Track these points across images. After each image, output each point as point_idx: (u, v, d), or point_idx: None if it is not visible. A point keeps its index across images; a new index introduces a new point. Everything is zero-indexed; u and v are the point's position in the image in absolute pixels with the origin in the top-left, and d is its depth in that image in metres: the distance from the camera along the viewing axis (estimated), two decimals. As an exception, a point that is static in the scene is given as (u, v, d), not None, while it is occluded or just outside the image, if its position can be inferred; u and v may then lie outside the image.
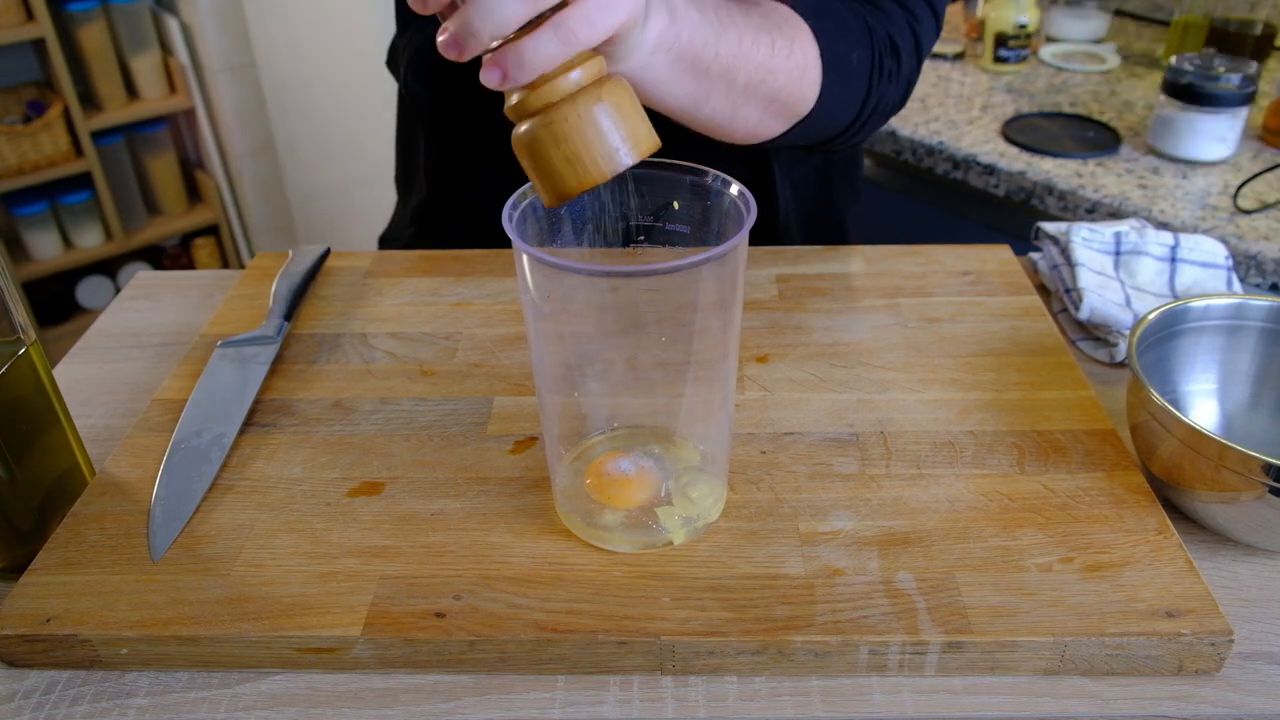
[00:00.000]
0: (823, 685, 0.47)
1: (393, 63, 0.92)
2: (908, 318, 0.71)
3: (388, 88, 0.95)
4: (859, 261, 0.78)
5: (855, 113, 0.69)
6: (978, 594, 0.48)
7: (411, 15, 0.84)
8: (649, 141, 0.46)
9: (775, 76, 0.61)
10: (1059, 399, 0.62)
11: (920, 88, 1.46)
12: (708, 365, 0.50)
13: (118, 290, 2.21)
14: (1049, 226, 0.78)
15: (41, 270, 2.20)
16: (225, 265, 2.45)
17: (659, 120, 0.52)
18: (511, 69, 0.44)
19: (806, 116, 0.65)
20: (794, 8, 0.64)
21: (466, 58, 0.44)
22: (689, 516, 0.52)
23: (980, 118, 1.35)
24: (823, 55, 0.63)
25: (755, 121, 0.63)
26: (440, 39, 0.44)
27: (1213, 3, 1.43)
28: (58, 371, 0.71)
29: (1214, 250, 0.74)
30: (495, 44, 0.44)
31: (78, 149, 2.13)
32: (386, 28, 0.91)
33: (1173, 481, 0.54)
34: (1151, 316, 0.58)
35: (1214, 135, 1.18)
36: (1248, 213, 1.09)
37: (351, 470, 0.58)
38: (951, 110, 1.37)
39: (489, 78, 0.44)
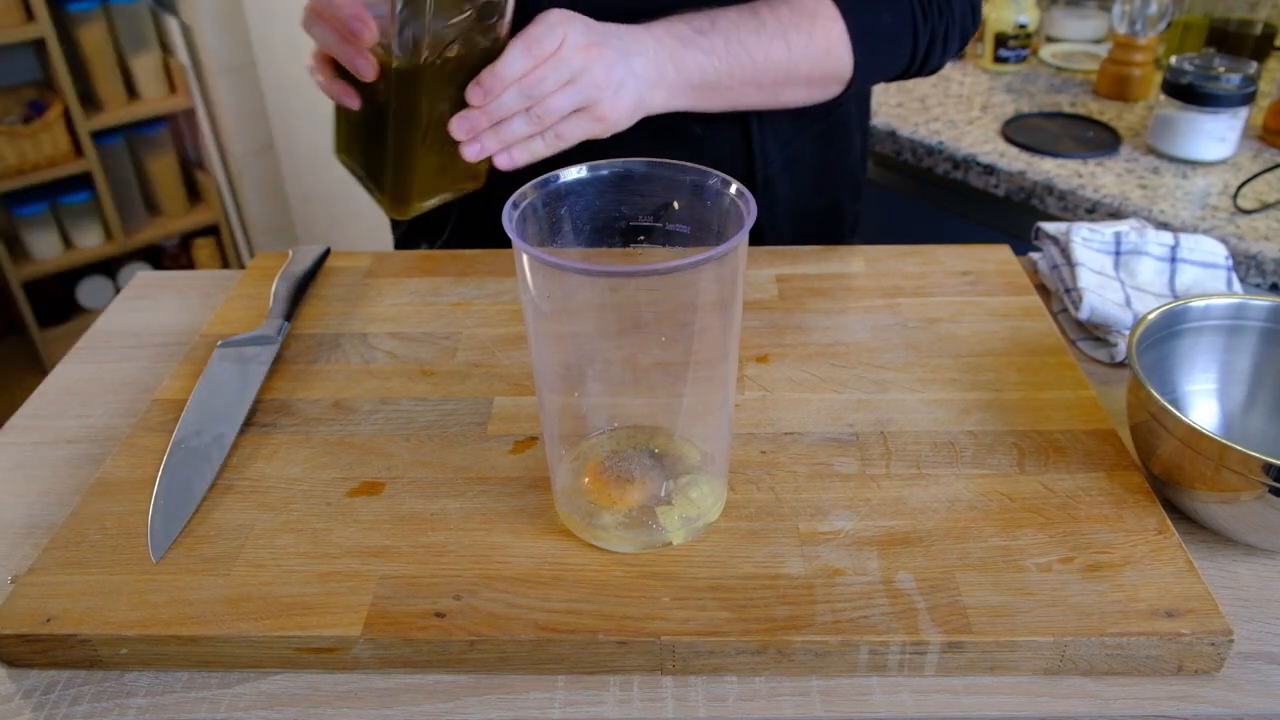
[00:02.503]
0: (823, 685, 0.47)
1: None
2: (908, 318, 0.71)
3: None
4: (859, 261, 0.78)
5: (906, 60, 0.76)
6: (978, 594, 0.48)
7: None
8: None
9: (800, 65, 0.71)
10: (1059, 399, 0.62)
11: (920, 87, 1.46)
12: (708, 365, 0.50)
13: (118, 290, 2.21)
14: (1049, 226, 0.78)
15: (41, 270, 2.20)
16: (225, 265, 2.45)
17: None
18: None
19: (851, 80, 0.74)
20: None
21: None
22: (689, 516, 0.52)
23: (980, 118, 1.35)
24: (850, 30, 0.72)
25: (803, 98, 0.74)
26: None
27: (1213, 3, 1.43)
28: (57, 371, 0.71)
29: (1214, 250, 0.74)
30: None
31: (78, 149, 2.13)
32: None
33: (1173, 481, 0.54)
34: (1151, 316, 0.58)
35: (1214, 135, 1.18)
36: (1248, 213, 1.09)
37: (351, 470, 0.58)
38: (951, 110, 1.37)
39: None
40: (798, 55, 0.70)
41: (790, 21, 0.70)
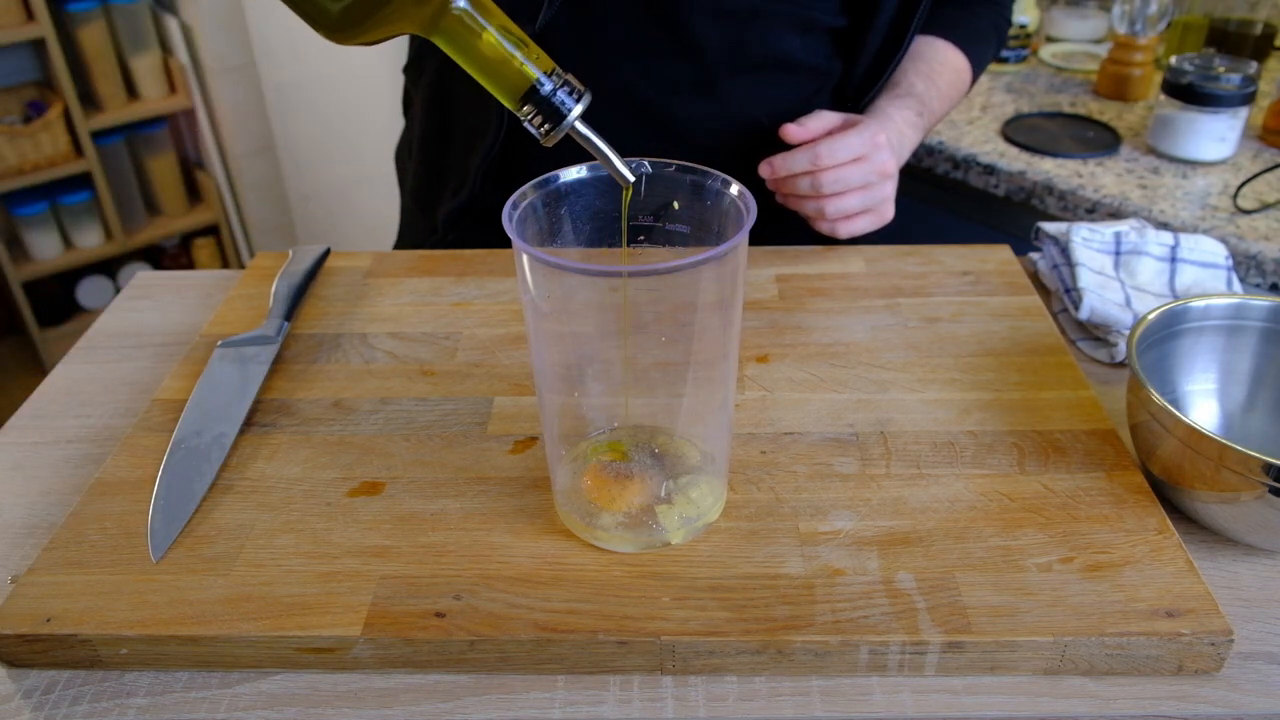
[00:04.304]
0: (823, 685, 0.47)
1: (412, 69, 0.91)
2: (908, 318, 0.71)
3: (387, 88, 0.95)
4: (859, 261, 0.78)
5: (993, 58, 0.97)
6: (978, 594, 0.48)
7: None
8: None
9: (951, 106, 0.89)
10: (1059, 399, 0.62)
11: (920, 88, 1.46)
12: (708, 365, 0.50)
13: (118, 290, 2.21)
14: (1049, 226, 0.78)
15: (41, 270, 2.19)
16: (225, 265, 2.45)
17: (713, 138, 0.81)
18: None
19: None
20: (946, 35, 0.87)
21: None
22: (689, 516, 0.52)
23: (980, 118, 1.35)
24: (974, 66, 0.90)
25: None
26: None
27: (1213, 3, 1.43)
28: (57, 371, 0.71)
29: (1214, 250, 0.74)
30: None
31: (78, 149, 2.13)
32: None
33: (1173, 481, 0.54)
34: (1151, 316, 0.58)
35: (1214, 135, 1.18)
36: (1248, 213, 1.09)
37: (351, 470, 0.58)
38: (951, 110, 1.37)
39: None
40: (954, 99, 0.88)
41: (949, 83, 0.86)
